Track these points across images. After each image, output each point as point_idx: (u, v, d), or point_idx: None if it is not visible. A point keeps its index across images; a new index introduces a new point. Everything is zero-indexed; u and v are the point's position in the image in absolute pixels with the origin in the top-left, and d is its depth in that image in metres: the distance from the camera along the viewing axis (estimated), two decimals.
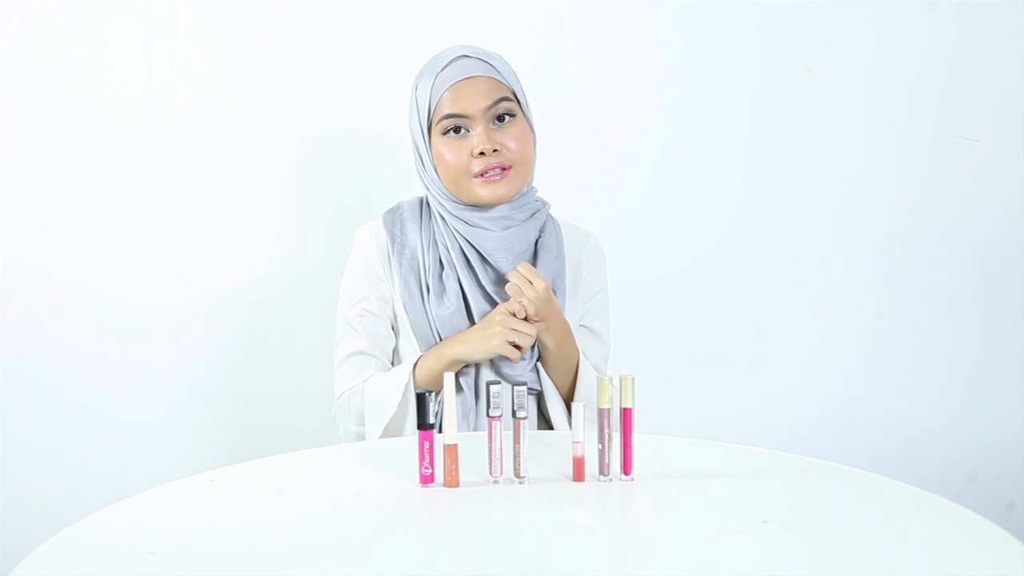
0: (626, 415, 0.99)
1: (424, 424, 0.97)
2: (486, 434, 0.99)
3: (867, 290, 1.99)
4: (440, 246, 1.36)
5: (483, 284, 1.33)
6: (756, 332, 1.97)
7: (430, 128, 1.32)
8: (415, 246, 1.36)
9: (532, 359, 1.33)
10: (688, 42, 1.89)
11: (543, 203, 1.40)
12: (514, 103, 1.33)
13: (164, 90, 1.77)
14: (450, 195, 1.34)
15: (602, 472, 0.99)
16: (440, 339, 1.33)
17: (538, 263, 1.35)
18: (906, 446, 2.00)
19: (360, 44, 1.80)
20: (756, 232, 1.94)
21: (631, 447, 0.99)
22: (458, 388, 1.32)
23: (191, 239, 1.81)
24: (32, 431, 1.80)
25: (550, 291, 1.29)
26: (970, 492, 1.97)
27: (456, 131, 1.31)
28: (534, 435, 1.15)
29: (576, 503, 0.96)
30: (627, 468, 1.00)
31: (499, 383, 0.98)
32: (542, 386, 1.34)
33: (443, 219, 1.36)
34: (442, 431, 0.98)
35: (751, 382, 1.98)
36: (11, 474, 1.79)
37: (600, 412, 0.98)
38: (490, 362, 1.33)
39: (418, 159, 1.37)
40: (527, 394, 1.01)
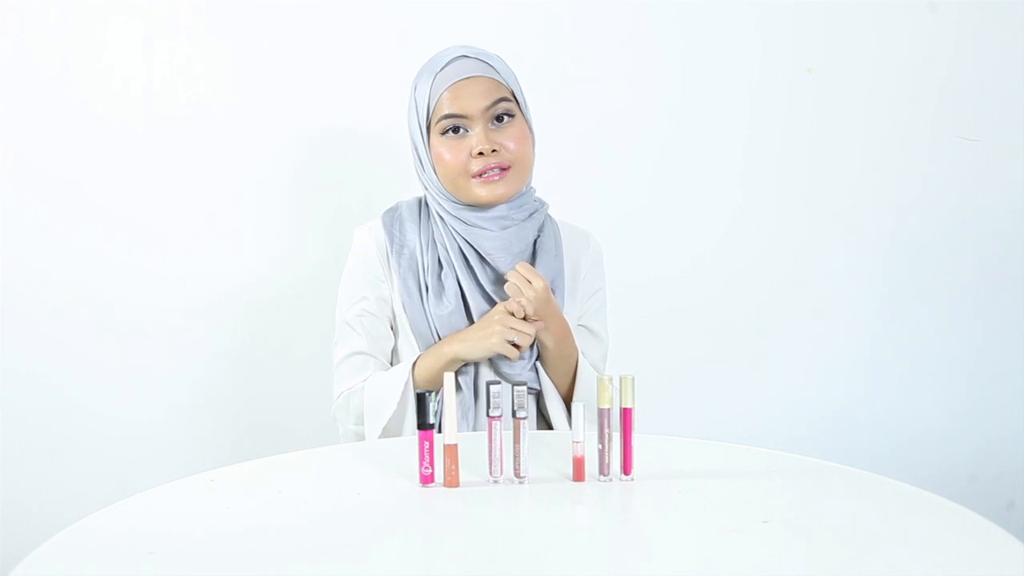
0: (626, 415, 0.99)
1: (424, 424, 0.97)
2: (486, 434, 0.99)
3: (867, 290, 1.99)
4: (439, 246, 1.36)
5: (482, 284, 1.33)
6: (756, 332, 1.97)
7: (429, 128, 1.32)
8: (414, 246, 1.36)
9: (531, 358, 1.33)
10: (688, 42, 1.89)
11: (541, 203, 1.40)
12: (513, 103, 1.33)
13: (164, 90, 1.77)
14: (448, 195, 1.34)
15: (602, 472, 0.99)
16: (439, 339, 1.33)
17: (537, 263, 1.35)
18: (906, 446, 2.00)
19: (360, 44, 1.80)
20: (756, 232, 1.94)
21: (631, 447, 0.99)
22: (457, 387, 1.32)
23: (191, 239, 1.81)
24: (32, 431, 1.80)
25: (549, 290, 1.29)
26: (970, 492, 1.97)
27: (455, 131, 1.31)
28: (534, 435, 1.15)
29: (576, 503, 0.96)
30: (627, 468, 1.00)
31: (499, 383, 0.98)
32: (541, 385, 1.34)
33: (442, 219, 1.36)
34: (441, 431, 0.99)
35: (751, 382, 1.98)
36: (11, 474, 1.79)
37: (600, 412, 0.98)
38: (489, 361, 1.33)
39: (417, 159, 1.37)
40: (527, 394, 1.01)
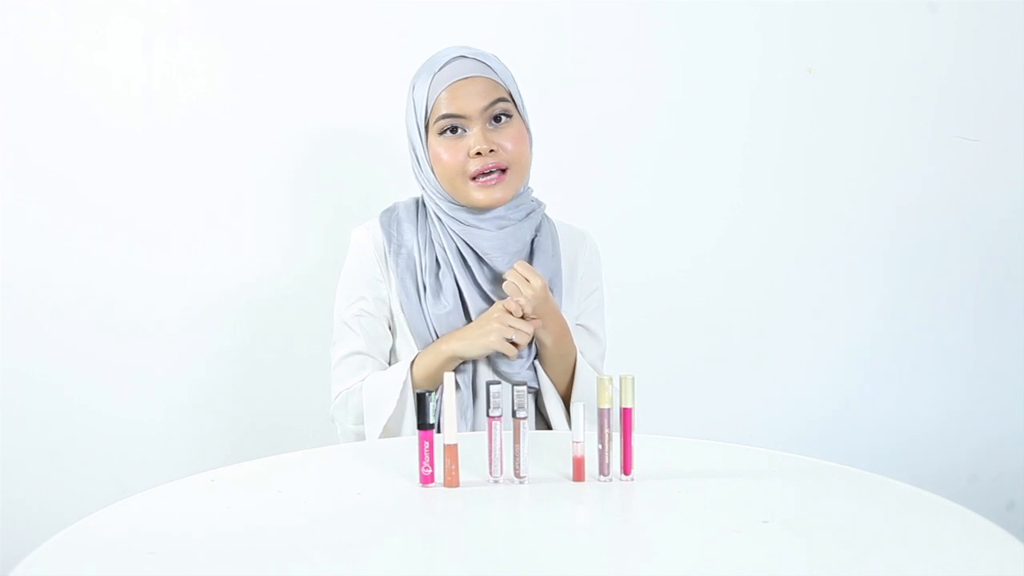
0: (626, 415, 0.98)
1: (424, 424, 0.97)
2: (486, 434, 0.99)
3: (867, 290, 1.99)
4: (436, 246, 1.36)
5: (480, 283, 1.33)
6: (756, 332, 1.97)
7: (427, 128, 1.32)
8: (411, 246, 1.36)
9: (529, 357, 1.33)
10: (688, 42, 1.89)
11: (538, 203, 1.40)
12: (511, 104, 1.32)
13: (164, 90, 1.77)
14: (446, 195, 1.34)
15: (602, 472, 0.99)
16: (437, 338, 1.33)
17: (534, 262, 1.35)
18: (906, 446, 2.00)
19: (360, 44, 1.80)
20: (756, 232, 1.94)
21: (631, 447, 0.99)
22: (455, 387, 1.32)
23: (191, 239, 1.81)
24: (32, 431, 1.80)
25: (547, 289, 1.29)
26: (970, 492, 1.97)
27: (453, 131, 1.31)
28: (534, 435, 1.15)
29: (576, 503, 0.96)
30: (627, 468, 0.99)
31: (499, 383, 0.98)
32: (540, 384, 1.34)
33: (439, 219, 1.36)
34: (441, 431, 0.99)
35: (751, 382, 1.98)
36: (11, 474, 1.79)
37: (600, 412, 0.98)
38: (487, 360, 1.33)
39: (414, 159, 1.37)
40: (526, 393, 1.01)
